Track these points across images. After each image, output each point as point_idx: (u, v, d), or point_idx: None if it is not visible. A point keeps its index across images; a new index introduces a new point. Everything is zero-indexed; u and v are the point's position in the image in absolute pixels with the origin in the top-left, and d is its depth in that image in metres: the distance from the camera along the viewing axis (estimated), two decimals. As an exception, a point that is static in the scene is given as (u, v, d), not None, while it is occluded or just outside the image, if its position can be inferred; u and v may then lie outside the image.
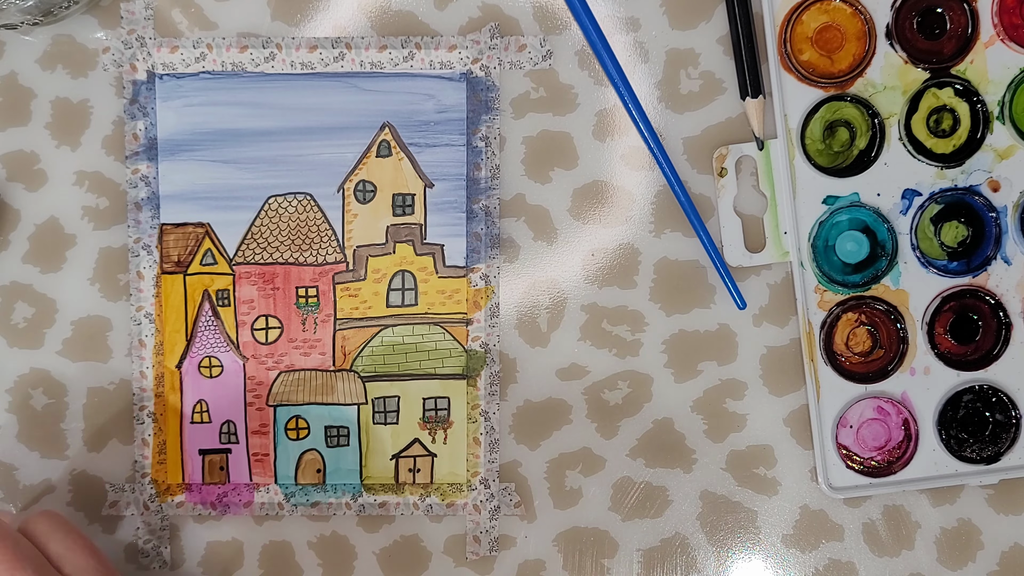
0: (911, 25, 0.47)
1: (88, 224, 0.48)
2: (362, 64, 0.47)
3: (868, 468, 0.48)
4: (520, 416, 0.49)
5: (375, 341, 0.48)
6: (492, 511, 0.49)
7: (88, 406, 0.49)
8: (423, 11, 0.48)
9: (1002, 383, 0.48)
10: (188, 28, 0.48)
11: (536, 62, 0.48)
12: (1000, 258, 0.48)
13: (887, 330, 0.48)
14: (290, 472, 0.49)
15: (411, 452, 0.49)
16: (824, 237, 0.48)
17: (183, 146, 0.48)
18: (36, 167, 0.48)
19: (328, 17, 0.48)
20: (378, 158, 0.48)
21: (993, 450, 0.48)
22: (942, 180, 0.48)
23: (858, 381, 0.48)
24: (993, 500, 0.49)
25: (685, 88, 0.48)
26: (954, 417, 0.48)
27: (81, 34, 0.48)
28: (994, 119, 0.47)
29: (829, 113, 0.47)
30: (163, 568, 0.49)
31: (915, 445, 0.48)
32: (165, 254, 0.48)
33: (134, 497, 0.49)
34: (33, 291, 0.48)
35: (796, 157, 0.48)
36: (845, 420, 0.48)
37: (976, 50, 0.47)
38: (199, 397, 0.48)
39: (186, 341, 0.48)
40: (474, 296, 0.48)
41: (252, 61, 0.47)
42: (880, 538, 0.49)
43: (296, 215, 0.48)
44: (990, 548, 0.49)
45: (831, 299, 0.48)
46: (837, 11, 0.47)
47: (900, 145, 0.48)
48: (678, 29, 0.48)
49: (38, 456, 0.49)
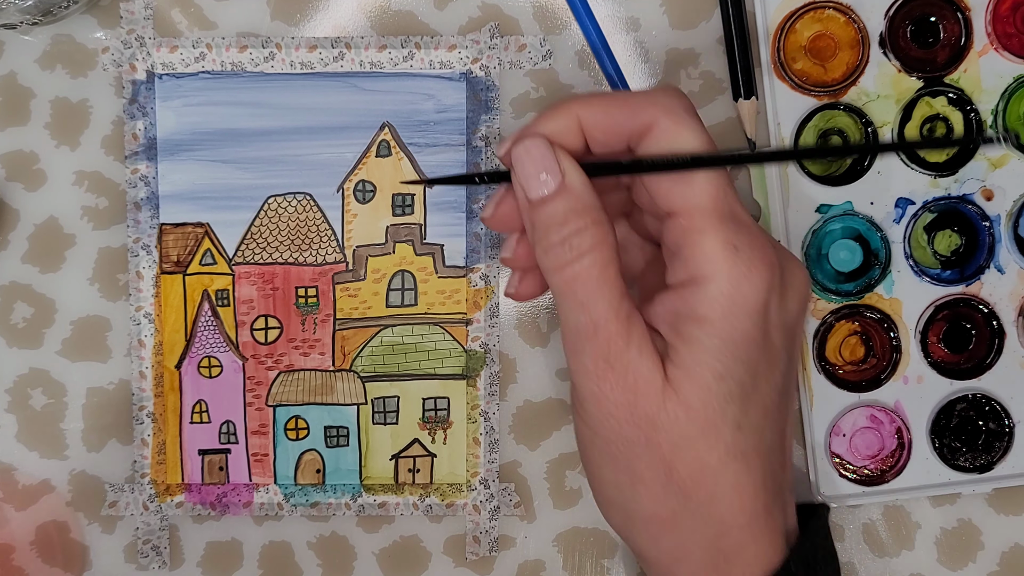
0: (904, 34, 0.47)
1: (87, 224, 0.48)
2: (362, 64, 0.47)
3: (861, 477, 0.48)
4: (520, 416, 0.49)
5: (375, 341, 0.48)
6: (492, 511, 0.49)
7: (87, 406, 0.49)
8: (423, 11, 0.48)
9: (995, 392, 0.48)
10: (188, 28, 0.48)
11: (536, 62, 0.48)
12: (993, 267, 0.48)
13: (880, 339, 0.48)
14: (289, 472, 0.49)
15: (411, 452, 0.49)
16: (817, 245, 0.48)
17: (182, 146, 0.48)
18: (35, 167, 0.48)
19: (328, 17, 0.48)
20: (378, 158, 0.48)
21: (986, 459, 0.48)
22: (935, 189, 0.48)
23: (851, 390, 0.48)
24: (993, 501, 0.49)
25: (685, 88, 0.48)
26: (947, 426, 0.48)
27: (80, 34, 0.48)
28: (987, 128, 0.47)
29: (822, 122, 0.47)
30: (162, 568, 0.49)
31: (908, 454, 0.48)
32: (164, 254, 0.48)
33: (133, 497, 0.49)
34: (32, 291, 0.48)
35: (789, 165, 0.48)
36: (838, 429, 0.48)
37: (969, 59, 0.47)
38: (198, 397, 0.48)
39: (185, 341, 0.48)
40: (474, 296, 0.48)
41: (252, 61, 0.47)
42: (880, 538, 0.49)
43: (296, 215, 0.48)
44: (990, 548, 0.49)
45: (824, 307, 0.48)
46: (831, 20, 0.47)
47: (893, 154, 0.48)
48: (678, 29, 0.48)
49: (37, 456, 0.49)
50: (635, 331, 0.37)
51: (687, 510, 0.38)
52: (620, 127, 0.38)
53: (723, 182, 0.37)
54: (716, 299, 0.36)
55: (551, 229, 0.38)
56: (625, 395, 0.37)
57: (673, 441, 0.37)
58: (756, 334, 0.37)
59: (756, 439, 0.38)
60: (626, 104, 0.38)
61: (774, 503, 0.39)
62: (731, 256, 0.36)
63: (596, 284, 0.37)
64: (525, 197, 0.38)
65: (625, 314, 0.37)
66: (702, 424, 0.37)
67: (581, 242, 0.37)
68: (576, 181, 0.38)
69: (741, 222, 0.37)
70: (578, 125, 0.38)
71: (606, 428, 0.38)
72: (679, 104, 0.37)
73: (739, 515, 0.38)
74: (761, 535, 0.38)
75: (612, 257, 0.38)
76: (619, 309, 0.37)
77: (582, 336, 0.38)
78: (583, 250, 0.37)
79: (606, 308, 0.37)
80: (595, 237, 0.37)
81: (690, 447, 0.37)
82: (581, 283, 0.37)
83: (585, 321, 0.38)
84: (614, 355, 0.37)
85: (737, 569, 0.38)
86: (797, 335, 0.40)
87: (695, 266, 0.37)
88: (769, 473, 0.38)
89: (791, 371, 0.40)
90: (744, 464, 0.38)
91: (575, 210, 0.38)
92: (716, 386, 0.37)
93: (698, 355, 0.37)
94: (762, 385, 0.38)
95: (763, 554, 0.38)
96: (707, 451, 0.37)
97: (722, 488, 0.38)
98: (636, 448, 0.38)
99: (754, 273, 0.36)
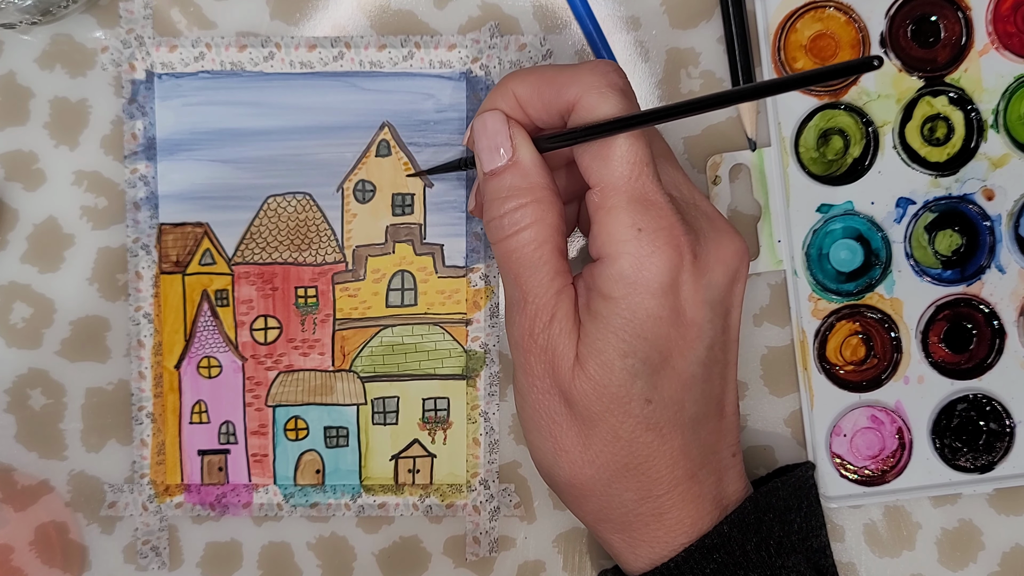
0: (905, 33, 0.47)
1: (87, 224, 0.48)
2: (361, 63, 0.47)
3: (862, 477, 0.48)
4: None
5: (374, 341, 0.48)
6: (492, 512, 0.49)
7: (87, 406, 0.49)
8: (422, 10, 0.48)
9: (996, 392, 0.48)
10: (187, 27, 0.47)
11: (536, 61, 0.48)
12: (994, 267, 0.48)
13: (881, 339, 0.48)
14: (289, 473, 0.49)
15: (410, 453, 0.49)
16: (818, 245, 0.48)
17: (182, 146, 0.48)
18: (34, 167, 0.48)
19: (327, 16, 0.48)
20: (377, 157, 0.48)
21: (987, 459, 0.48)
22: (936, 189, 0.48)
23: (852, 390, 0.48)
24: (994, 501, 0.49)
25: (685, 88, 0.48)
26: (948, 426, 0.48)
27: (80, 33, 0.48)
28: (988, 127, 0.47)
29: (823, 121, 0.47)
30: (162, 569, 0.49)
31: (909, 454, 0.48)
32: (164, 254, 0.48)
33: (133, 498, 0.49)
34: (31, 291, 0.48)
35: (790, 165, 0.48)
36: (839, 429, 0.48)
37: (970, 58, 0.47)
38: (198, 397, 0.48)
39: (185, 341, 0.48)
40: (474, 296, 0.48)
41: (251, 60, 0.47)
42: (881, 538, 0.49)
43: (295, 215, 0.48)
44: (991, 549, 0.49)
45: (825, 307, 0.48)
46: (831, 19, 0.47)
47: (894, 153, 0.47)
48: (678, 28, 0.48)
49: (36, 456, 0.49)
50: (561, 308, 0.39)
51: (602, 479, 0.40)
52: (550, 104, 0.39)
53: (639, 161, 0.38)
54: (619, 279, 0.38)
55: (495, 203, 0.40)
56: (545, 368, 0.39)
57: (585, 415, 0.39)
58: (664, 312, 0.38)
59: (672, 411, 0.39)
60: (553, 81, 0.39)
61: (701, 470, 0.40)
62: (634, 237, 0.38)
63: (529, 260, 0.39)
64: (480, 169, 0.40)
65: (555, 291, 0.39)
66: (609, 399, 0.39)
67: (521, 217, 0.39)
68: (526, 157, 0.40)
69: (650, 203, 0.38)
70: (516, 101, 0.40)
71: (532, 398, 0.40)
72: (602, 80, 0.38)
73: (657, 483, 0.40)
74: (684, 500, 0.40)
75: (549, 235, 0.39)
76: (549, 286, 0.39)
77: (514, 308, 0.40)
78: (521, 226, 0.39)
79: (536, 284, 0.39)
80: (535, 214, 0.39)
81: (601, 420, 0.39)
82: (515, 258, 0.39)
83: (517, 295, 0.40)
84: (538, 329, 0.39)
85: (660, 532, 0.41)
86: (730, 307, 0.41)
87: (602, 244, 0.38)
88: (694, 442, 0.40)
89: (724, 342, 0.41)
90: (657, 435, 0.39)
91: (519, 186, 0.39)
92: (620, 363, 0.38)
93: (603, 332, 0.38)
94: (676, 361, 0.39)
95: (688, 518, 0.40)
96: (618, 424, 0.39)
97: (636, 459, 0.39)
98: (557, 418, 0.40)
99: (657, 254, 0.38)
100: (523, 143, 0.40)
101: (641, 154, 0.38)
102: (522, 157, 0.40)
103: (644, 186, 0.38)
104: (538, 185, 0.39)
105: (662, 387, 0.39)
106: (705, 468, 0.41)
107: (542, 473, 0.42)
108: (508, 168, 0.40)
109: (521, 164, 0.39)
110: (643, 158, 0.38)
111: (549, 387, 0.40)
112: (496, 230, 0.40)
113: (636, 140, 0.38)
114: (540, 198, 0.39)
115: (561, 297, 0.39)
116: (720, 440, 0.42)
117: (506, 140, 0.40)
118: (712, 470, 0.41)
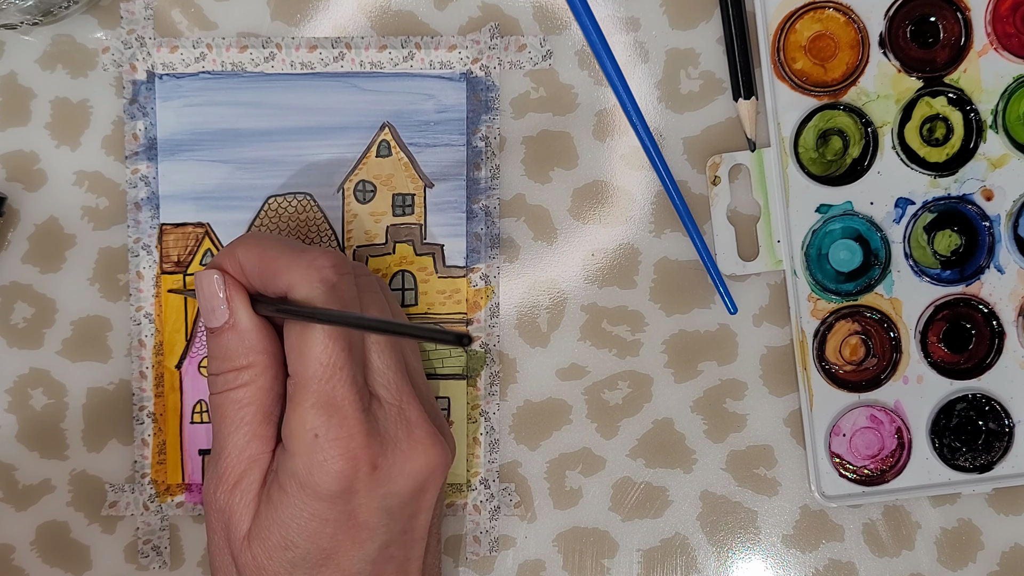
0: (904, 34, 0.47)
1: (88, 224, 0.48)
2: (362, 64, 0.47)
3: (861, 477, 0.48)
4: (520, 416, 0.49)
5: (375, 341, 0.48)
6: (492, 511, 0.49)
7: (88, 406, 0.49)
8: (423, 11, 0.48)
9: (995, 392, 0.48)
10: (188, 28, 0.48)
11: (536, 62, 0.48)
12: (993, 267, 0.48)
13: (880, 339, 0.48)
14: (290, 472, 0.49)
15: (411, 452, 0.49)
16: (817, 245, 0.48)
17: (183, 146, 0.48)
18: (36, 167, 0.48)
19: (328, 17, 0.48)
20: (378, 158, 0.48)
21: (986, 459, 0.48)
22: (935, 189, 0.48)
23: (851, 390, 0.48)
24: (993, 501, 0.49)
25: (685, 88, 0.48)
26: (947, 426, 0.48)
27: (81, 34, 0.48)
28: (987, 128, 0.47)
29: (822, 122, 0.47)
30: (163, 568, 0.49)
31: (908, 454, 0.48)
32: (165, 254, 0.48)
33: (134, 497, 0.49)
34: (33, 291, 0.48)
35: (789, 165, 0.48)
36: (838, 428, 0.48)
37: (969, 59, 0.47)
38: (199, 397, 0.48)
39: (186, 341, 0.48)
40: (474, 296, 0.48)
41: (252, 61, 0.47)
42: (880, 538, 0.49)
43: (296, 215, 0.48)
44: (990, 548, 0.49)
45: (824, 307, 0.48)
46: (830, 20, 0.47)
47: (893, 154, 0.48)
48: (678, 29, 0.48)
49: (37, 456, 0.49)
50: (249, 476, 0.40)
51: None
52: (267, 283, 0.40)
53: (331, 365, 0.38)
54: (292, 476, 0.39)
55: (213, 360, 0.41)
56: (222, 529, 0.40)
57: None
58: (331, 516, 0.39)
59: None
60: (272, 263, 0.39)
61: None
62: (311, 441, 0.38)
63: (231, 419, 0.40)
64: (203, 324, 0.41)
65: (248, 455, 0.40)
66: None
67: (233, 379, 0.40)
68: (243, 321, 0.40)
69: (335, 408, 0.38)
70: (240, 267, 0.40)
71: (211, 548, 0.41)
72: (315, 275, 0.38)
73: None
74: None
75: (255, 398, 0.40)
76: (243, 450, 0.40)
77: (212, 458, 0.41)
78: (231, 386, 0.40)
79: (231, 444, 0.40)
80: (247, 377, 0.40)
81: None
82: (220, 414, 0.40)
83: (216, 448, 0.41)
84: (221, 490, 0.40)
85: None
86: (416, 512, 0.41)
87: (286, 436, 0.39)
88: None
89: (404, 542, 0.41)
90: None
91: (235, 349, 0.40)
92: (280, 553, 0.39)
93: (272, 520, 0.39)
94: (342, 559, 0.39)
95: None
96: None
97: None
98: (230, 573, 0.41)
99: (330, 463, 0.38)
100: (240, 307, 0.40)
101: (336, 358, 0.38)
102: (239, 321, 0.40)
103: (334, 390, 0.38)
104: (253, 349, 0.40)
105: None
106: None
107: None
108: (226, 330, 0.40)
109: (238, 327, 0.40)
110: (337, 362, 0.38)
111: (224, 546, 0.41)
112: (211, 384, 0.41)
113: (334, 341, 0.38)
114: (253, 362, 0.40)
115: (252, 465, 0.40)
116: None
117: (222, 303, 0.40)
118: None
